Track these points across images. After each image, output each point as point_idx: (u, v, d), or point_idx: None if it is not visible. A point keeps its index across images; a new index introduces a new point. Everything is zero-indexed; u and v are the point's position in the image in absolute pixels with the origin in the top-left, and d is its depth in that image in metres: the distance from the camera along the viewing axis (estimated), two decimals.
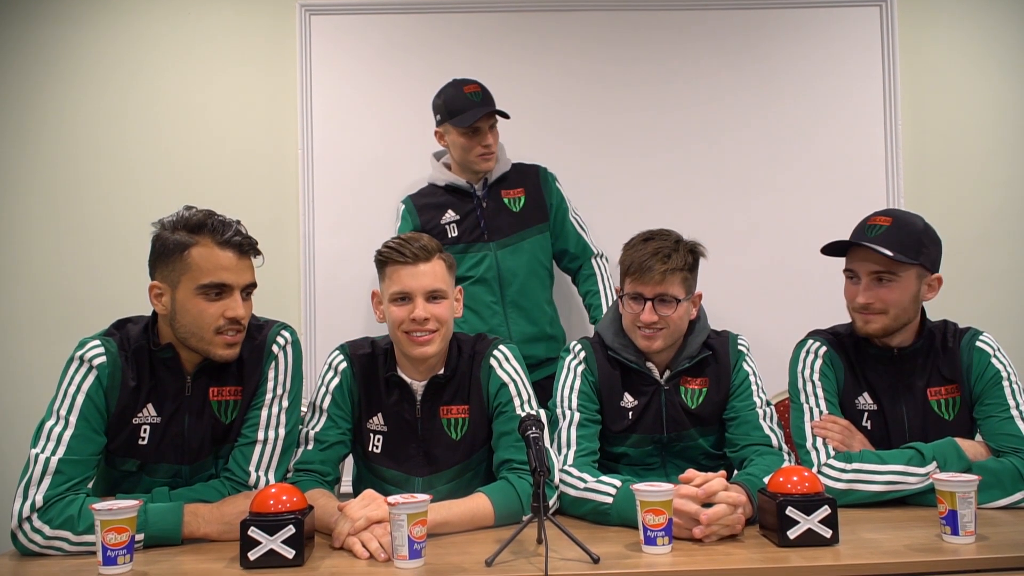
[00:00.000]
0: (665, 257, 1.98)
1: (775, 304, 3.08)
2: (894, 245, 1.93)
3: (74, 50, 3.15)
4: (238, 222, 1.83)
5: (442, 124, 2.74)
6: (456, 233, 2.72)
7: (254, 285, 1.84)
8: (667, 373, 2.07)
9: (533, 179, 2.83)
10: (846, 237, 2.03)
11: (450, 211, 2.74)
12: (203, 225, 1.77)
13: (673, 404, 2.06)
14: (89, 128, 3.15)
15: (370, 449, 1.98)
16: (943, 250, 2.02)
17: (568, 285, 2.94)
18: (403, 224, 2.76)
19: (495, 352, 2.01)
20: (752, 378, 2.07)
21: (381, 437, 1.98)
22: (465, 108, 2.65)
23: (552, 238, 2.83)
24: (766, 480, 1.74)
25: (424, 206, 2.77)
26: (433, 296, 1.91)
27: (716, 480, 1.66)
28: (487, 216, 2.74)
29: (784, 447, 1.99)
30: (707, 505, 1.63)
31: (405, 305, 1.90)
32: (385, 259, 1.94)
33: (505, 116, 2.70)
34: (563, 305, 2.92)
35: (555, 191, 2.84)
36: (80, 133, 3.15)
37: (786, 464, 1.88)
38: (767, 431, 1.99)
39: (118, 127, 3.15)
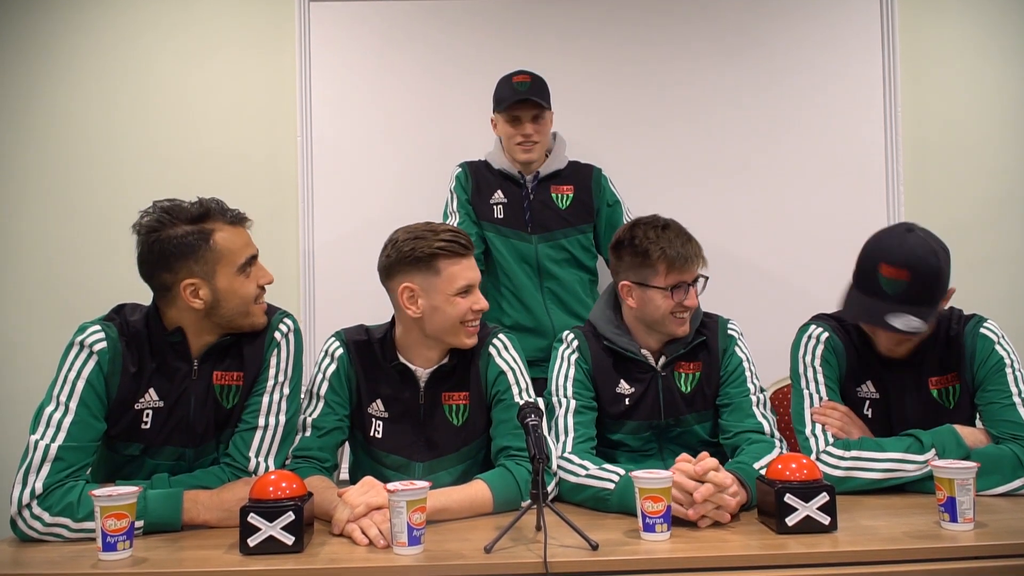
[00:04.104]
0: (692, 240, 2.03)
1: (773, 290, 3.08)
2: (922, 308, 1.83)
3: (72, 36, 3.15)
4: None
5: (494, 112, 2.80)
6: (502, 216, 2.78)
7: None
8: (663, 359, 2.07)
9: (585, 179, 2.85)
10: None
11: (500, 192, 2.80)
12: (209, 212, 1.79)
13: (669, 390, 2.06)
14: (89, 115, 3.14)
15: (371, 434, 1.98)
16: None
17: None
18: (457, 184, 2.82)
19: (494, 341, 2.01)
20: (745, 364, 2.07)
21: (382, 423, 1.98)
22: (507, 96, 2.73)
23: (604, 240, 2.83)
24: (756, 466, 1.75)
25: (479, 175, 2.84)
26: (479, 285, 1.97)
27: (710, 460, 1.67)
28: (533, 209, 2.78)
29: (776, 434, 1.99)
30: None
31: (468, 296, 1.92)
32: (440, 252, 1.89)
33: (542, 106, 2.73)
34: None
35: (608, 192, 2.86)
36: (80, 120, 3.14)
37: (778, 451, 1.88)
38: (759, 418, 1.99)
39: (118, 114, 3.15)
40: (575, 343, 2.11)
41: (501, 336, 2.04)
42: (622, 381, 2.07)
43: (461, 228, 2.71)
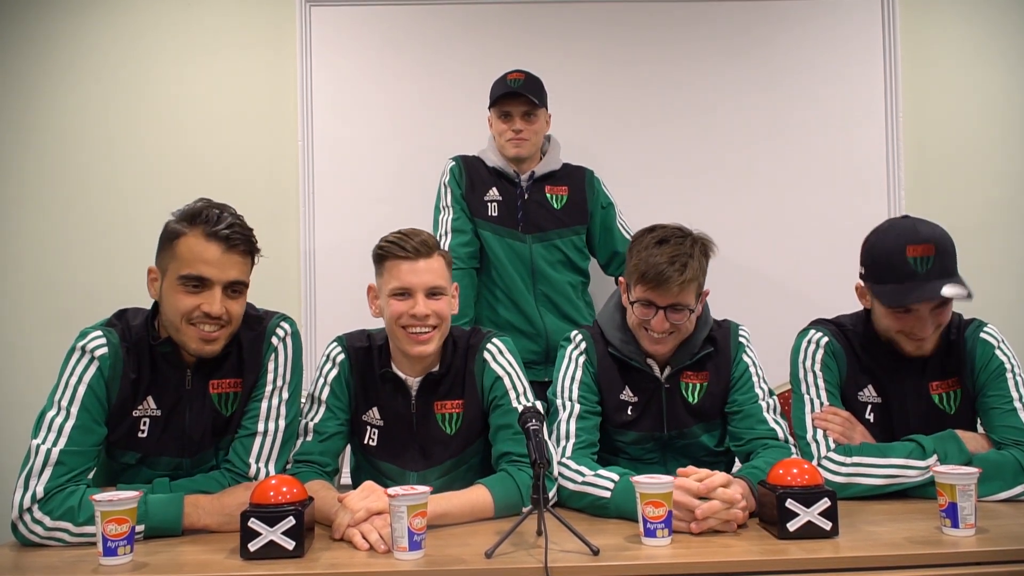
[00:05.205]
0: (682, 267, 1.89)
1: (772, 295, 3.08)
2: (955, 276, 1.87)
3: (71, 39, 3.15)
4: (238, 217, 1.80)
5: (488, 108, 2.81)
6: (496, 214, 2.76)
7: (242, 283, 1.79)
8: (668, 370, 2.04)
9: (579, 180, 2.84)
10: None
11: (495, 189, 2.78)
12: (198, 215, 1.75)
13: (674, 401, 2.04)
14: (88, 117, 3.15)
15: (366, 442, 1.98)
16: None
17: (605, 282, 2.97)
18: (451, 179, 2.80)
19: (488, 346, 2.00)
20: (753, 369, 2.05)
21: (377, 431, 1.98)
22: (500, 91, 2.73)
23: (599, 242, 2.85)
24: None
25: (473, 171, 2.81)
26: (433, 292, 1.90)
27: (718, 475, 1.65)
28: (526, 208, 2.76)
29: (790, 439, 1.97)
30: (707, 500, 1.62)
31: (405, 300, 1.89)
32: (385, 253, 1.92)
33: (533, 103, 2.72)
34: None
35: (602, 195, 2.86)
36: (79, 122, 3.15)
37: (793, 456, 1.87)
38: (772, 424, 1.97)
39: (117, 117, 3.15)
40: (583, 344, 2.08)
41: (495, 340, 2.02)
42: (627, 388, 2.05)
43: (456, 224, 2.71)
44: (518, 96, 2.71)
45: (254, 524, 1.51)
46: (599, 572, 1.45)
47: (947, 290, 1.83)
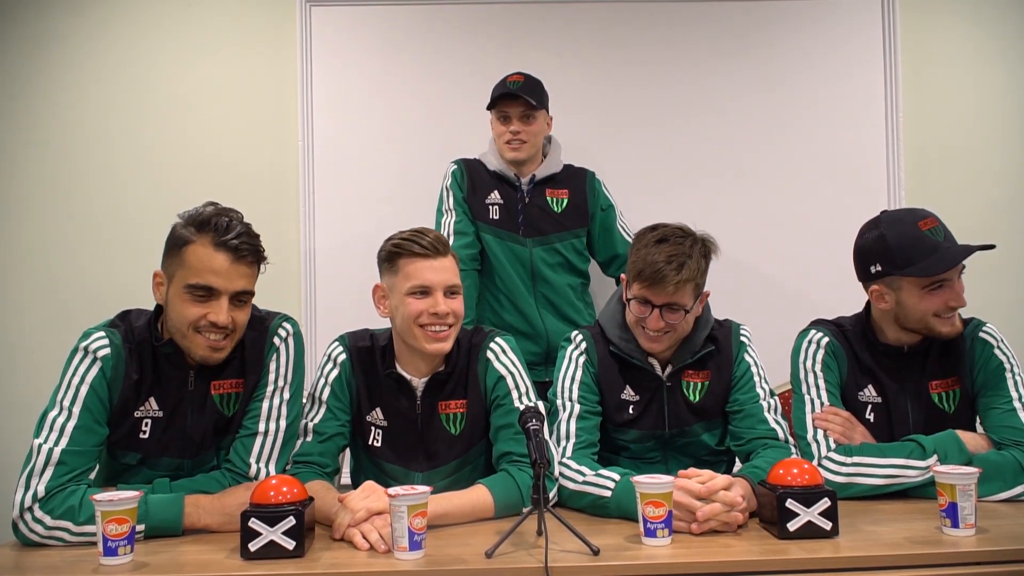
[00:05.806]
0: (679, 267, 1.90)
1: (772, 295, 3.08)
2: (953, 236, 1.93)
3: (71, 39, 3.16)
4: (246, 225, 1.79)
5: (488, 110, 2.81)
6: (497, 217, 2.76)
7: (249, 293, 1.80)
8: (669, 369, 2.04)
9: (580, 182, 2.85)
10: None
11: (496, 192, 2.78)
12: (207, 223, 1.75)
13: (675, 400, 2.04)
14: (89, 117, 3.15)
15: (370, 443, 1.98)
16: None
17: (605, 283, 2.97)
18: (452, 182, 2.80)
19: (492, 345, 2.00)
20: (754, 369, 2.05)
21: (381, 431, 1.97)
22: (498, 94, 2.73)
23: (599, 243, 2.85)
24: None
25: (474, 174, 2.81)
26: (451, 291, 1.91)
27: (720, 478, 1.65)
28: (527, 212, 2.77)
29: (790, 439, 1.97)
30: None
31: (424, 299, 1.87)
32: (400, 251, 1.89)
33: (532, 104, 2.71)
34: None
35: (602, 196, 2.86)
36: (80, 122, 3.15)
37: (793, 456, 1.87)
38: (772, 424, 1.97)
39: (118, 117, 3.15)
40: (583, 344, 2.08)
41: (499, 339, 2.02)
42: (628, 387, 2.05)
43: (458, 226, 2.71)
44: (516, 98, 2.71)
45: (254, 524, 1.51)
46: (599, 572, 1.45)
47: (973, 243, 1.89)
